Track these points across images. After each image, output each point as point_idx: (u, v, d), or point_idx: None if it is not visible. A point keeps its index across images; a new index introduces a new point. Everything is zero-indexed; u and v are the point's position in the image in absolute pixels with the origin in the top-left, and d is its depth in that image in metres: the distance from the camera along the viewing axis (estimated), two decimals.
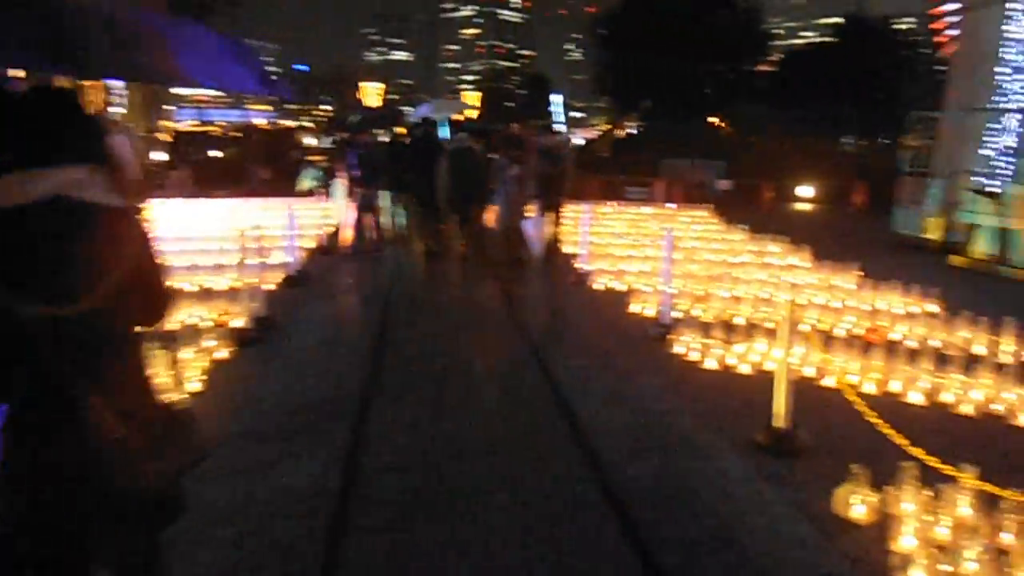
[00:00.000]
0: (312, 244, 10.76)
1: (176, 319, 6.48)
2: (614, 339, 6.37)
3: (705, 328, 6.02)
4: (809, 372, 5.27)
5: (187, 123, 26.89)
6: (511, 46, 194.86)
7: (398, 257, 10.45)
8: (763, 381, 5.20)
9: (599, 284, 8.48)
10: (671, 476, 3.74)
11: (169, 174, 18.82)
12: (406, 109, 32.46)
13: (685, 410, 4.67)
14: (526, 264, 9.69)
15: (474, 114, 46.70)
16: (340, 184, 10.96)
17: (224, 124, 29.08)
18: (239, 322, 6.27)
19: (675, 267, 6.47)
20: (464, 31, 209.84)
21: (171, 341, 5.32)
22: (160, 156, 21.35)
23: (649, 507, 3.41)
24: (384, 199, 11.53)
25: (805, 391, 4.43)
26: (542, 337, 6.47)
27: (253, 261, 6.87)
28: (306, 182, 15.34)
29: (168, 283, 1.92)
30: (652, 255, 10.01)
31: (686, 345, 5.87)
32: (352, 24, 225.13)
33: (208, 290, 7.60)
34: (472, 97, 58.94)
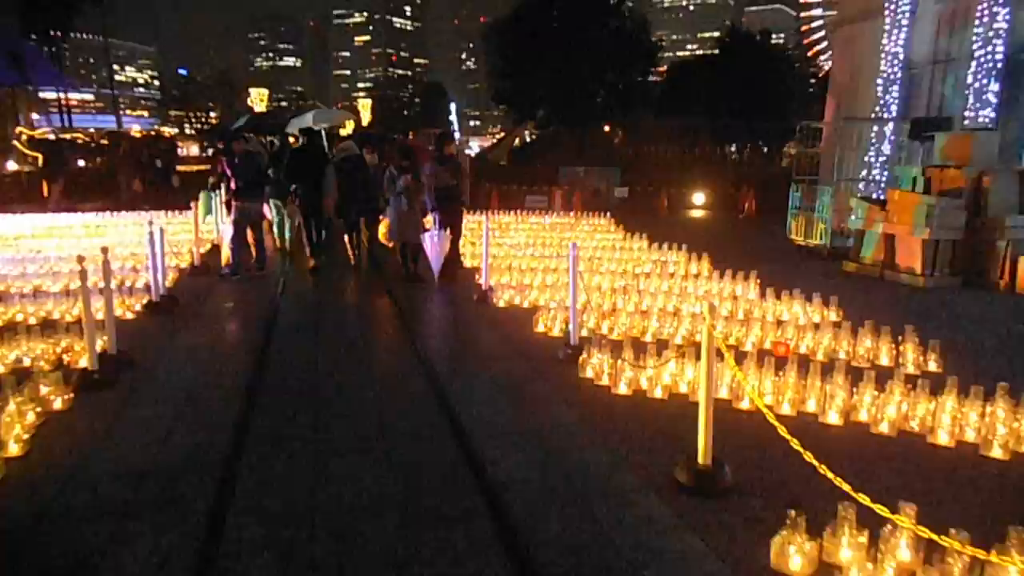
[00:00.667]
0: (184, 264, 9.69)
1: (2, 360, 5.49)
2: (520, 363, 5.88)
3: (614, 347, 5.63)
4: (723, 393, 4.98)
5: (44, 130, 24.31)
6: (405, 54, 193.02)
7: (282, 275, 9.59)
8: (678, 406, 4.87)
9: (502, 301, 8.00)
10: (587, 529, 3.26)
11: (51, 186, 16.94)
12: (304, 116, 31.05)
13: (600, 445, 4.23)
14: (424, 281, 9.08)
15: (366, 122, 45.49)
16: (216, 196, 9.99)
17: (92, 132, 26.62)
18: (85, 360, 5.33)
19: (579, 280, 6.05)
20: (358, 38, 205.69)
21: None
22: (11, 166, 19.27)
23: (565, 571, 2.92)
24: (270, 211, 10.70)
25: (722, 415, 4.08)
26: (442, 364, 5.89)
27: (107, 285, 5.90)
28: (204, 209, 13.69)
29: None
30: (555, 266, 9.65)
31: (596, 368, 5.46)
32: (238, 29, 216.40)
33: (50, 321, 6.55)
34: (365, 105, 57.57)
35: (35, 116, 44.52)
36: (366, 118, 51.46)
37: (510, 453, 4.11)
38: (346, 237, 10.18)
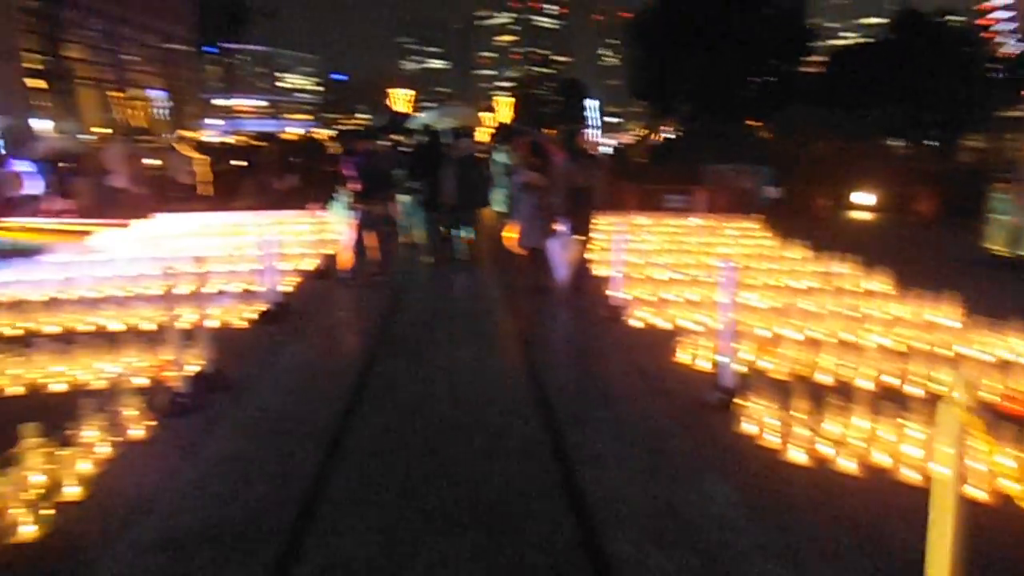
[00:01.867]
0: (306, 267, 9.35)
1: (98, 373, 5.12)
2: (658, 405, 4.78)
3: (780, 391, 4.40)
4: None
5: (209, 134, 25.92)
6: (546, 52, 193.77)
7: (400, 280, 8.99)
8: (878, 489, 3.59)
9: (637, 320, 6.88)
10: None
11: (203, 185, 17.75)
12: (419, 115, 31.20)
13: (772, 552, 3.07)
14: (549, 291, 8.13)
15: (507, 119, 45.45)
16: (341, 198, 9.59)
17: (249, 134, 28.05)
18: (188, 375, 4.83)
19: (732, 305, 4.85)
20: (499, 38, 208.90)
21: (68, 417, 3.95)
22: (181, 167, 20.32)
23: None
24: (402, 207, 10.47)
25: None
26: (564, 403, 4.89)
27: (218, 290, 5.47)
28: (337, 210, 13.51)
29: None
30: (700, 277, 8.37)
31: (758, 423, 4.26)
32: (387, 33, 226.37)
33: (160, 330, 6.22)
34: (505, 102, 57.67)
35: (207, 120, 48.16)
36: (506, 115, 51.48)
37: (648, 551, 3.05)
38: (455, 232, 9.94)
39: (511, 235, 8.71)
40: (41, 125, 18.74)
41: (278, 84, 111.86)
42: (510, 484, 3.69)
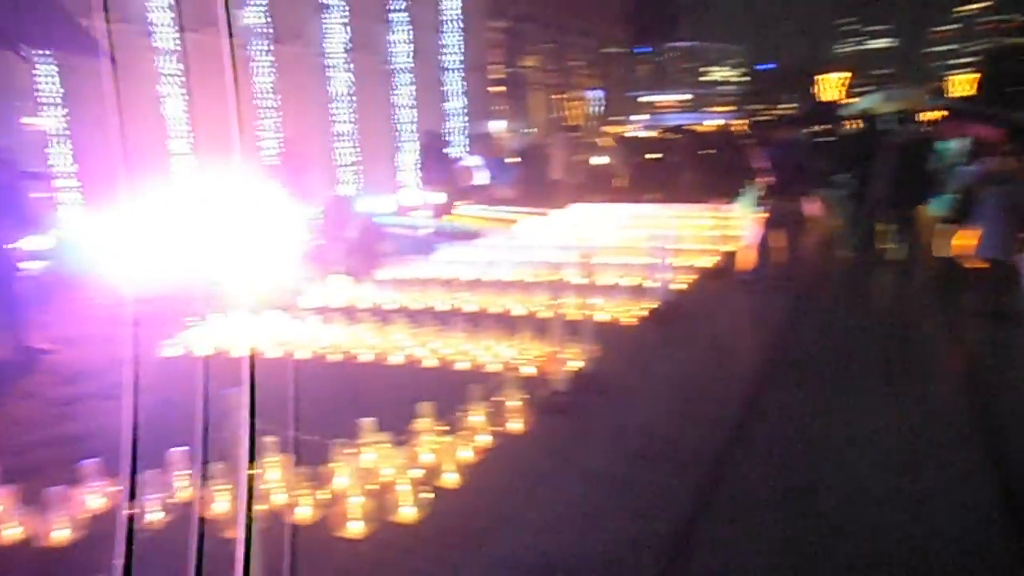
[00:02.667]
0: (705, 264, 8.74)
1: (496, 357, 5.34)
2: None
3: None
4: None
5: (631, 128, 26.97)
6: None
7: (813, 289, 7.75)
8: None
9: None
10: None
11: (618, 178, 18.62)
12: (855, 101, 27.36)
13: None
14: (1017, 322, 6.08)
15: (966, 97, 37.85)
16: (749, 192, 8.74)
17: (664, 128, 28.45)
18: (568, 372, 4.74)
19: None
20: (964, 7, 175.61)
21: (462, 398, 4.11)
22: (601, 160, 21.55)
23: None
24: (823, 203, 9.11)
25: None
26: None
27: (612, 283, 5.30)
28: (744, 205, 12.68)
29: None
30: None
31: None
32: (821, 14, 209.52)
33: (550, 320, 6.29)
34: (964, 81, 48.14)
35: (633, 116, 50.87)
36: (966, 93, 42.90)
37: None
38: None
39: (965, 242, 6.79)
40: (496, 126, 21.74)
41: (703, 79, 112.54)
42: None
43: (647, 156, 19.98)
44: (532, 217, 13.04)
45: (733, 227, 9.91)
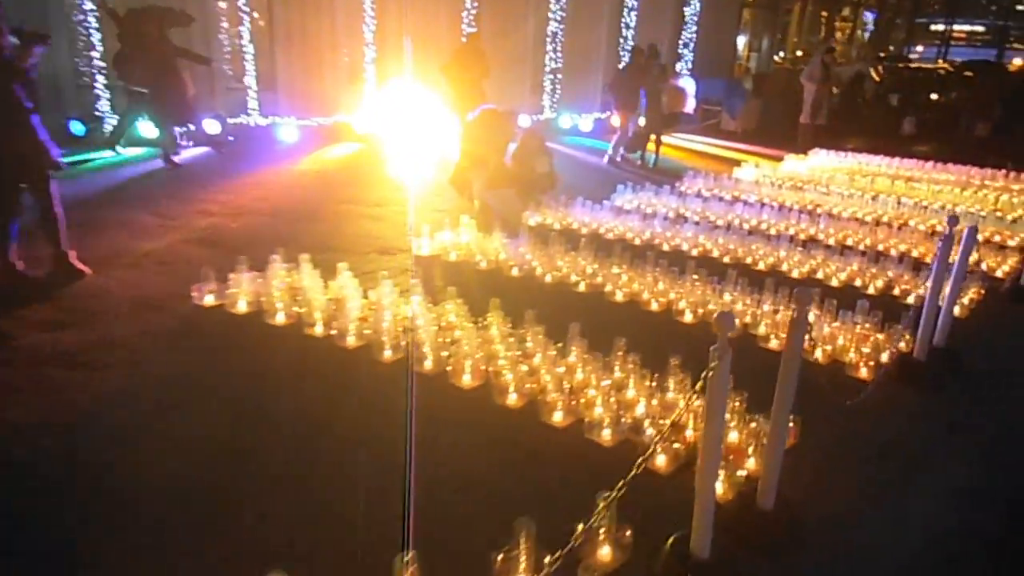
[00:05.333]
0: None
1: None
2: None
3: None
4: None
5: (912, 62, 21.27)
6: None
7: None
8: None
9: None
10: None
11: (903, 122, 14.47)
12: None
13: None
14: None
15: None
16: None
17: (956, 63, 22.09)
18: None
19: None
20: None
21: None
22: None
23: None
24: None
25: None
26: None
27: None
28: None
29: None
30: None
31: None
32: None
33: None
34: None
35: (918, 47, 41.90)
36: None
37: None
38: None
39: None
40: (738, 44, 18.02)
41: (1016, 7, 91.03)
42: None
43: (932, 97, 15.33)
44: (764, 162, 10.09)
45: None
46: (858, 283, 5.15)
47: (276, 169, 8.56)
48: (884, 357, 3.81)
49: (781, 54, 23.44)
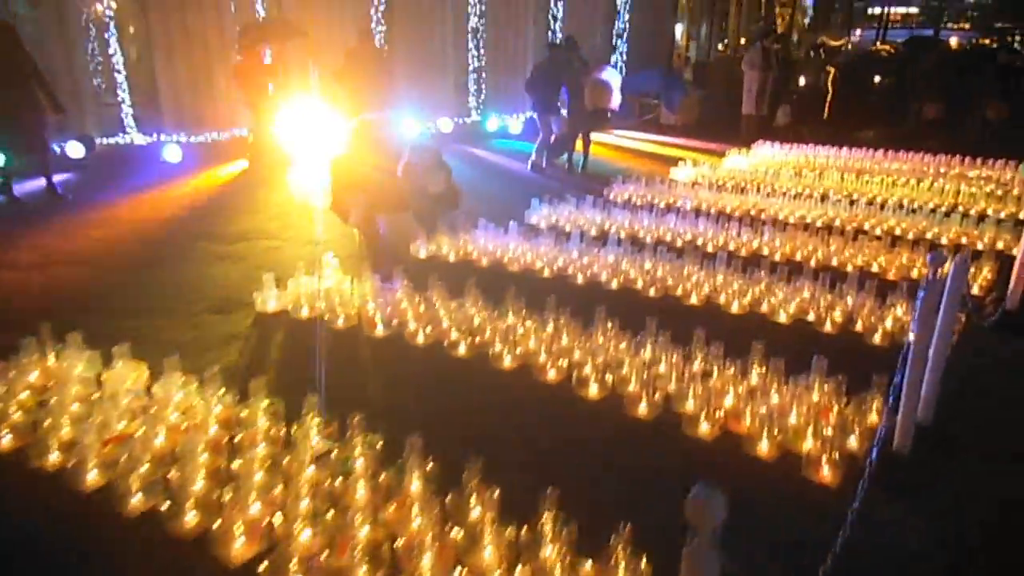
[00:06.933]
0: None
1: None
2: None
3: None
4: None
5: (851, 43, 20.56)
6: None
7: None
8: None
9: None
10: None
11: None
12: None
13: None
14: None
15: None
16: None
17: (895, 44, 21.52)
18: None
19: None
20: None
21: None
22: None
23: None
24: None
25: None
26: None
27: None
28: None
29: None
30: None
31: None
32: None
33: None
34: None
35: (856, 31, 41.74)
36: None
37: None
38: None
39: None
40: (674, 32, 17.02)
41: None
42: None
43: (877, 80, 14.53)
44: (705, 158, 9.03)
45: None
46: (811, 317, 4.11)
47: (139, 199, 7.18)
48: (853, 442, 2.74)
49: (725, 42, 22.56)
